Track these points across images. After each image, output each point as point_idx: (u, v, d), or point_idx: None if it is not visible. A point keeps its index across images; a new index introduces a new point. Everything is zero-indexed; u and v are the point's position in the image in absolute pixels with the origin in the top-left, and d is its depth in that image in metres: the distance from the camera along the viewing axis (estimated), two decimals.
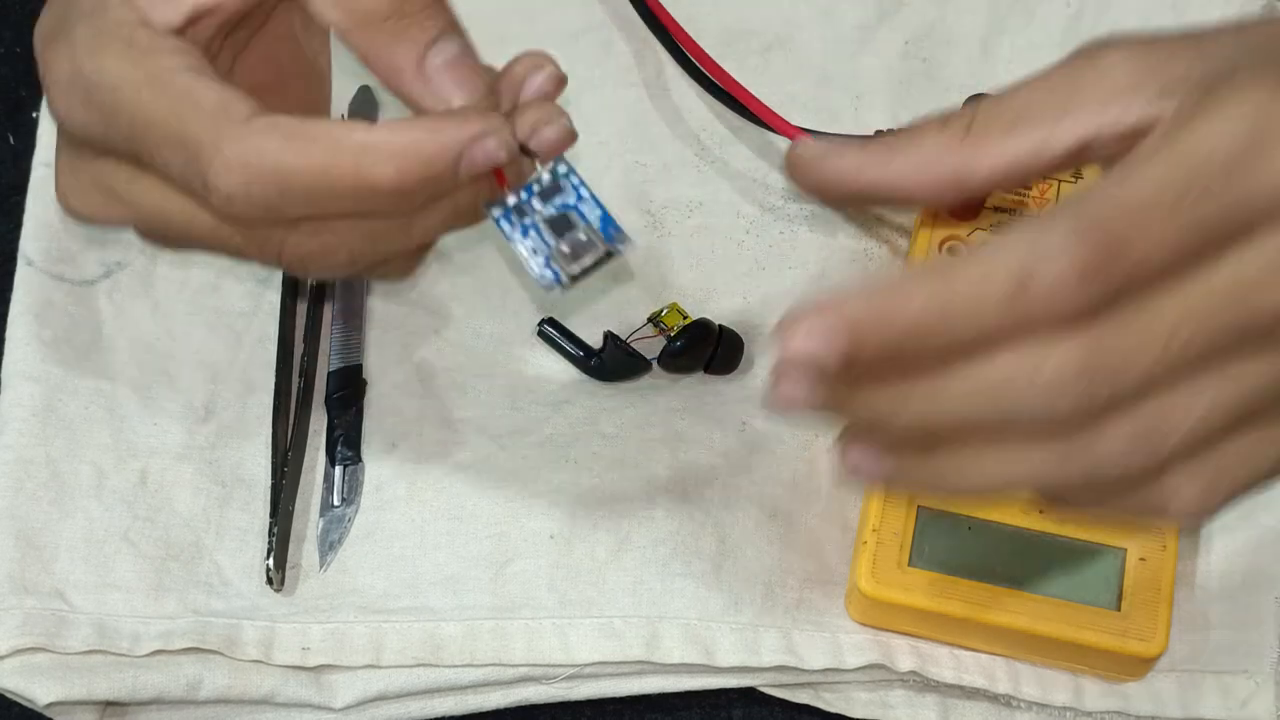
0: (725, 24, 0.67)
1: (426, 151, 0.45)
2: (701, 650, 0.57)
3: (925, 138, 0.44)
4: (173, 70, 0.46)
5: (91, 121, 0.47)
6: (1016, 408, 0.39)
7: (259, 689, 0.56)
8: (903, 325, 0.38)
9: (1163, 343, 0.39)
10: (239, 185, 0.45)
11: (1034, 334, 0.38)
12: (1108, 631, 0.54)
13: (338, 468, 0.60)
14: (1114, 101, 0.42)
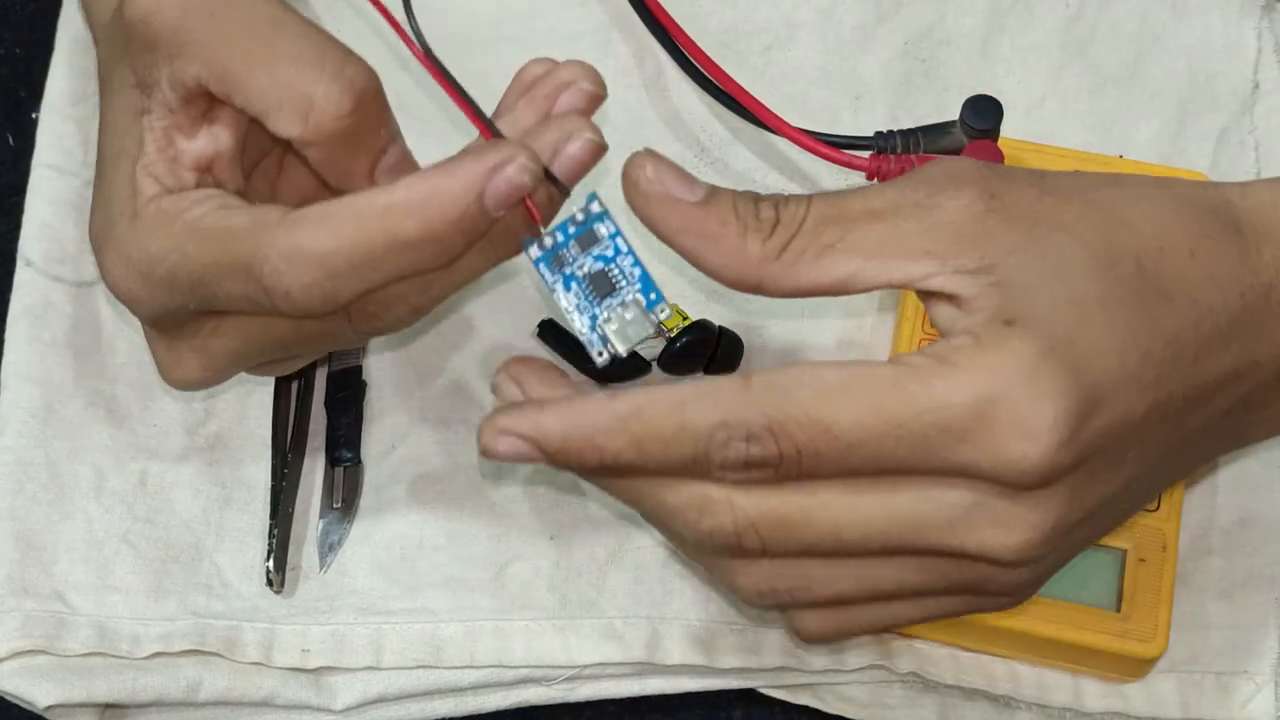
0: (725, 25, 0.67)
1: (446, 196, 0.45)
2: (702, 651, 0.57)
3: (750, 237, 0.45)
4: (203, 216, 0.47)
5: (157, 297, 0.48)
6: (677, 531, 0.46)
7: (259, 691, 0.56)
8: (600, 459, 0.44)
9: (825, 533, 0.44)
10: (293, 281, 0.45)
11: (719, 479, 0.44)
12: (1107, 632, 0.54)
13: (337, 469, 0.60)
14: (922, 262, 0.44)
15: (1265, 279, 0.46)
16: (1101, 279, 0.44)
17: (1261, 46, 0.66)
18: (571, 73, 0.48)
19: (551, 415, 0.44)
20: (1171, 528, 0.56)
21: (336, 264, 0.45)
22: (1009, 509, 0.44)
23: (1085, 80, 0.66)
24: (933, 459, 0.43)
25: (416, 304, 0.48)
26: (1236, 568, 0.58)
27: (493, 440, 0.44)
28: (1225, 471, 0.60)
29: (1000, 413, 0.42)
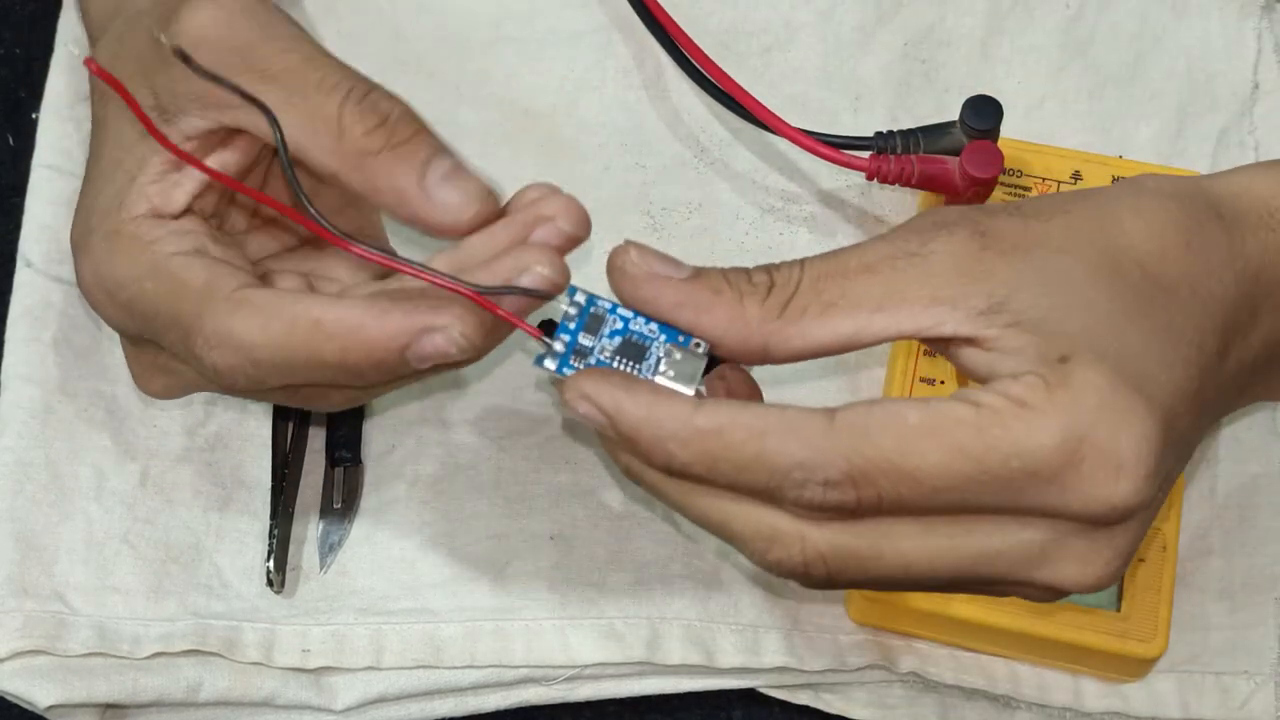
0: (725, 25, 0.67)
1: (368, 337, 0.45)
2: (702, 651, 0.57)
3: (748, 300, 0.45)
4: (171, 256, 0.48)
5: (121, 318, 0.49)
6: (739, 549, 0.45)
7: (259, 691, 0.56)
8: (665, 462, 0.43)
9: (894, 568, 0.44)
10: (219, 359, 0.47)
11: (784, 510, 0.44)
12: (1107, 632, 0.54)
13: (337, 469, 0.60)
14: (931, 310, 0.44)
15: (1254, 263, 0.46)
16: (1116, 292, 0.44)
17: (1261, 47, 0.67)
18: (554, 208, 0.47)
19: (634, 402, 0.44)
20: (1171, 528, 0.56)
21: (260, 357, 0.46)
22: (1088, 546, 0.43)
23: (1085, 81, 0.66)
24: (1018, 501, 0.42)
25: (352, 398, 0.50)
26: (1236, 568, 0.58)
27: (575, 400, 0.44)
28: (1225, 472, 0.60)
29: (1087, 451, 0.41)
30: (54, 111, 0.65)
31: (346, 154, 0.47)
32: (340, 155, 0.47)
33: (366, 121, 0.47)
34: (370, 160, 0.47)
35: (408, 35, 0.68)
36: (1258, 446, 0.60)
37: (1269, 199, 0.47)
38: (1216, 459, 0.60)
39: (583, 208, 0.48)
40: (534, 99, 0.66)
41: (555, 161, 0.65)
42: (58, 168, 0.64)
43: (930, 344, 0.45)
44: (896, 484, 0.42)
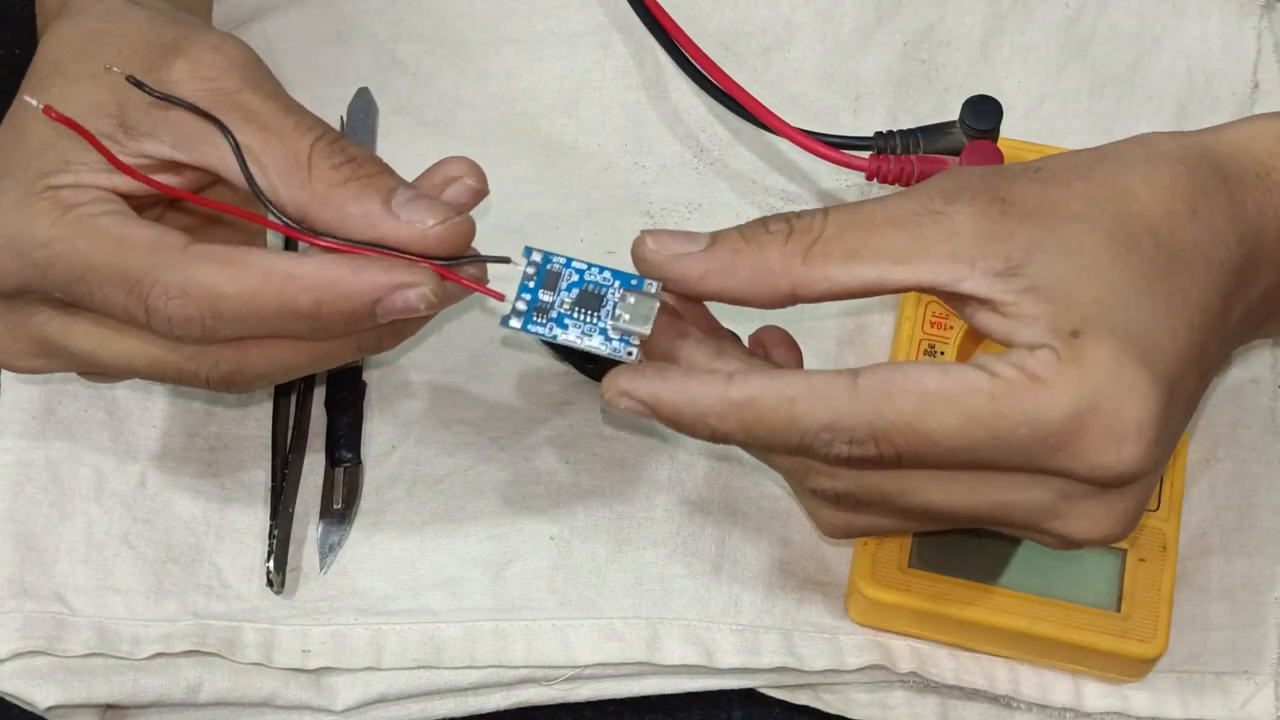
0: (724, 26, 0.67)
1: (346, 289, 0.48)
2: (702, 651, 0.57)
3: (768, 249, 0.48)
4: (103, 217, 0.49)
5: (26, 275, 0.49)
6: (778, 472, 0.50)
7: (259, 691, 0.56)
8: (710, 434, 0.47)
9: (916, 505, 0.48)
10: (178, 308, 0.48)
11: None
12: (1107, 632, 0.54)
13: (338, 470, 0.60)
14: (950, 267, 0.47)
15: (1254, 224, 0.48)
16: (1128, 263, 0.46)
17: (1261, 46, 0.66)
18: (458, 168, 0.51)
19: (669, 388, 0.47)
20: (1171, 528, 0.56)
21: (225, 308, 0.48)
22: (1096, 505, 0.47)
23: (1085, 81, 0.66)
24: (1028, 464, 0.46)
25: (289, 368, 0.52)
26: (1236, 568, 0.58)
27: (615, 399, 0.48)
28: (1225, 472, 0.60)
29: (1093, 422, 0.44)
30: None
31: (316, 187, 0.49)
32: (310, 189, 0.49)
33: (334, 158, 0.49)
34: (338, 190, 0.49)
35: (407, 36, 0.68)
36: (1258, 446, 0.60)
37: (1266, 159, 0.49)
38: (1216, 459, 0.60)
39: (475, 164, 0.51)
40: (534, 99, 0.67)
41: (555, 161, 0.65)
42: None
43: (947, 300, 0.48)
44: (915, 444, 0.45)
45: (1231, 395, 0.61)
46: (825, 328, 0.62)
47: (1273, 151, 0.50)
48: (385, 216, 0.49)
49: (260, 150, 0.49)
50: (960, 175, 0.48)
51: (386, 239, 0.49)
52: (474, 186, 0.51)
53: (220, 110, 0.50)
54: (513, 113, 0.66)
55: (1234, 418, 0.61)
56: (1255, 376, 0.61)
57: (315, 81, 0.66)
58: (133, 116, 0.50)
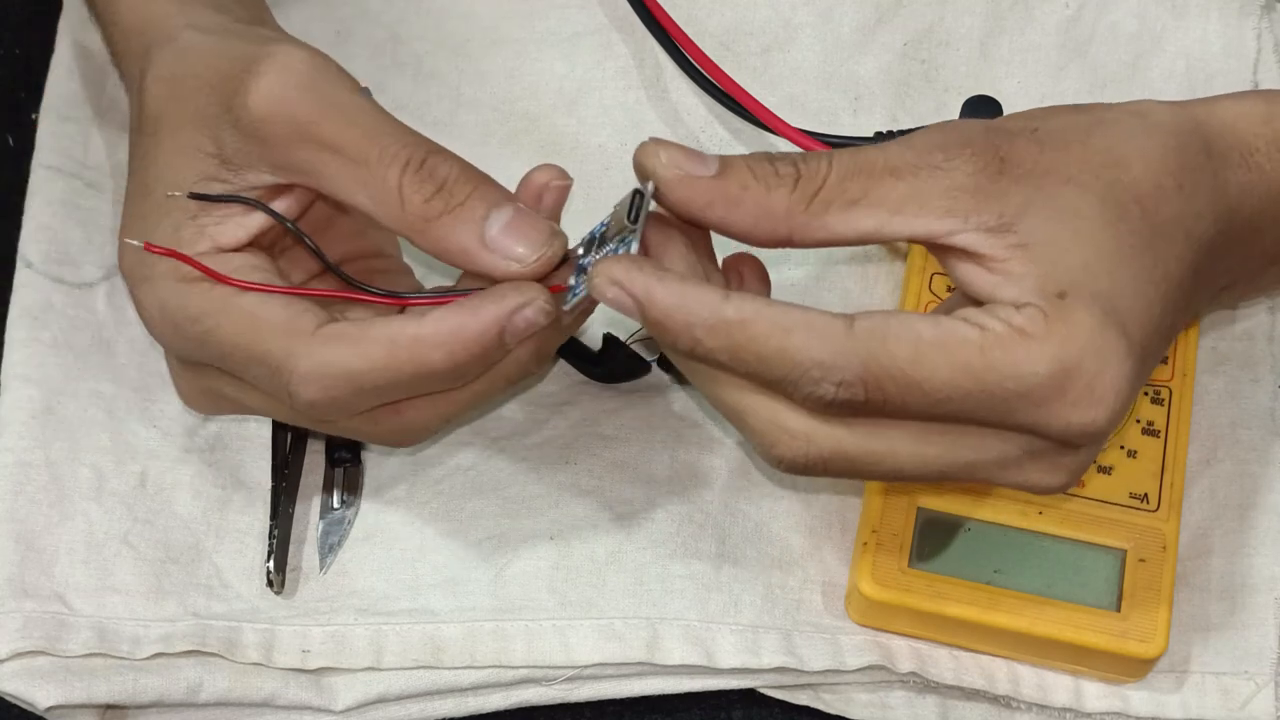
0: (724, 26, 0.67)
1: (471, 333, 0.49)
2: (702, 651, 0.57)
3: (776, 192, 0.48)
4: (243, 293, 0.51)
5: (187, 349, 0.52)
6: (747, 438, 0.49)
7: (259, 692, 0.56)
8: (690, 347, 0.47)
9: (887, 471, 0.48)
10: (318, 393, 0.50)
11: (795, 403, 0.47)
12: (1107, 632, 0.54)
13: (337, 470, 0.60)
14: (945, 220, 0.48)
15: (1232, 202, 0.50)
16: (1116, 231, 0.47)
17: (1261, 47, 0.66)
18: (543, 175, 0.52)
19: (664, 289, 0.47)
20: (1171, 528, 0.56)
21: (364, 384, 0.50)
22: (1054, 460, 0.48)
23: (1084, 81, 0.66)
24: (1007, 418, 0.47)
25: (433, 417, 0.53)
26: (1236, 568, 0.58)
27: (604, 285, 0.47)
28: (1225, 472, 0.60)
29: (1074, 382, 0.46)
30: (53, 112, 0.65)
31: (411, 221, 0.50)
32: (405, 222, 0.50)
33: (425, 190, 0.50)
34: (433, 225, 0.50)
35: (407, 36, 0.68)
36: (1258, 446, 0.60)
37: (1251, 138, 0.51)
38: (1216, 459, 0.60)
39: None
40: (534, 99, 0.67)
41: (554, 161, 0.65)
42: (57, 168, 0.64)
43: (935, 251, 0.49)
44: (904, 391, 0.46)
45: (1231, 395, 0.61)
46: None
47: (1257, 132, 0.51)
48: (481, 251, 0.50)
49: (351, 182, 0.50)
50: (961, 128, 0.49)
51: (485, 272, 0.50)
52: (562, 184, 0.52)
53: (301, 147, 0.50)
54: (513, 113, 0.66)
55: (1234, 418, 0.61)
56: (1255, 376, 0.61)
57: None
58: (229, 151, 0.51)
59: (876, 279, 0.63)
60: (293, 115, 0.50)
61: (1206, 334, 0.62)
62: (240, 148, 0.51)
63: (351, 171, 0.50)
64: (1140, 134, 0.49)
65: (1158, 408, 0.58)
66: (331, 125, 0.50)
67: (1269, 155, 0.51)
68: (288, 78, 0.51)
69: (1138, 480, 0.57)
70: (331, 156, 0.50)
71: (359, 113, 0.51)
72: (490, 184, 0.51)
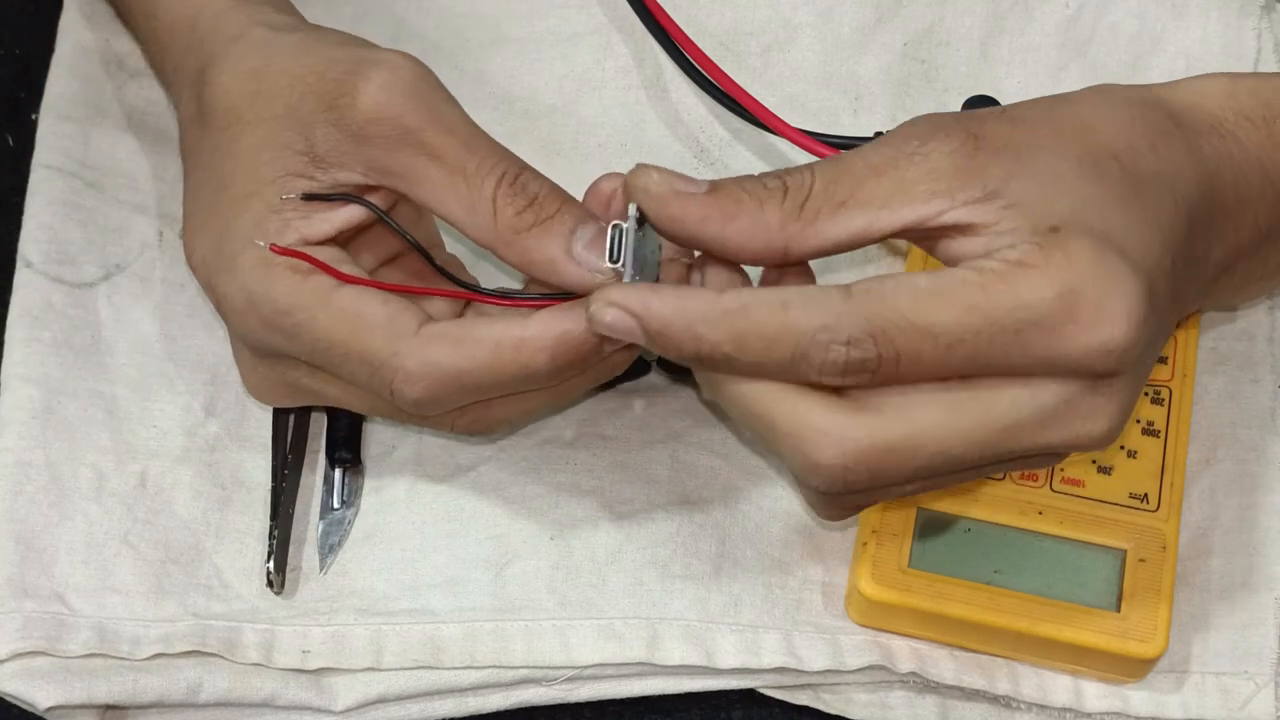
0: (725, 25, 0.67)
1: (575, 338, 0.51)
2: (702, 651, 0.57)
3: (768, 204, 0.48)
4: (339, 289, 0.52)
5: (274, 341, 0.53)
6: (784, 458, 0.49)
7: (259, 692, 0.56)
8: (697, 349, 0.47)
9: (927, 460, 0.47)
10: (423, 392, 0.51)
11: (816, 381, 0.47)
12: (1107, 632, 0.54)
13: (337, 470, 0.60)
14: (931, 202, 0.48)
15: (1210, 167, 0.51)
16: (1098, 182, 0.48)
17: (1261, 47, 0.66)
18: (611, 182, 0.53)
19: (659, 298, 0.47)
20: (1171, 528, 0.56)
21: (467, 383, 0.51)
22: (1091, 401, 0.47)
23: (1084, 81, 0.66)
24: (1026, 355, 0.46)
25: (514, 418, 0.55)
26: (1236, 568, 0.58)
27: (601, 310, 0.48)
28: (1225, 471, 0.60)
29: (1082, 304, 0.46)
30: (54, 112, 0.65)
31: (501, 232, 0.51)
32: (495, 233, 0.52)
33: (518, 203, 0.52)
34: (523, 236, 0.51)
35: (407, 35, 0.68)
36: (1257, 446, 0.60)
37: (1217, 111, 0.52)
38: (1216, 459, 0.60)
39: None
40: (534, 99, 0.67)
41: (555, 162, 0.65)
42: (58, 168, 0.64)
43: (928, 241, 0.49)
44: (913, 340, 0.46)
45: (1231, 395, 0.61)
46: None
47: (1222, 105, 0.52)
48: (568, 263, 0.51)
49: (446, 189, 0.52)
50: (930, 118, 0.50)
51: (570, 284, 0.51)
52: None
53: (405, 151, 0.52)
54: (513, 113, 0.66)
55: (1234, 418, 0.61)
56: (1255, 377, 0.61)
57: None
58: (322, 149, 0.52)
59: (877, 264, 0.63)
60: (400, 119, 0.52)
61: (1206, 334, 0.62)
62: (335, 146, 0.52)
63: (448, 179, 0.52)
64: (1105, 106, 0.50)
65: (1158, 408, 0.58)
66: (434, 132, 0.52)
67: (1239, 124, 0.52)
68: (397, 82, 0.52)
69: (1138, 480, 0.57)
70: (430, 162, 0.52)
71: (459, 123, 0.53)
72: (575, 202, 0.53)
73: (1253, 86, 0.53)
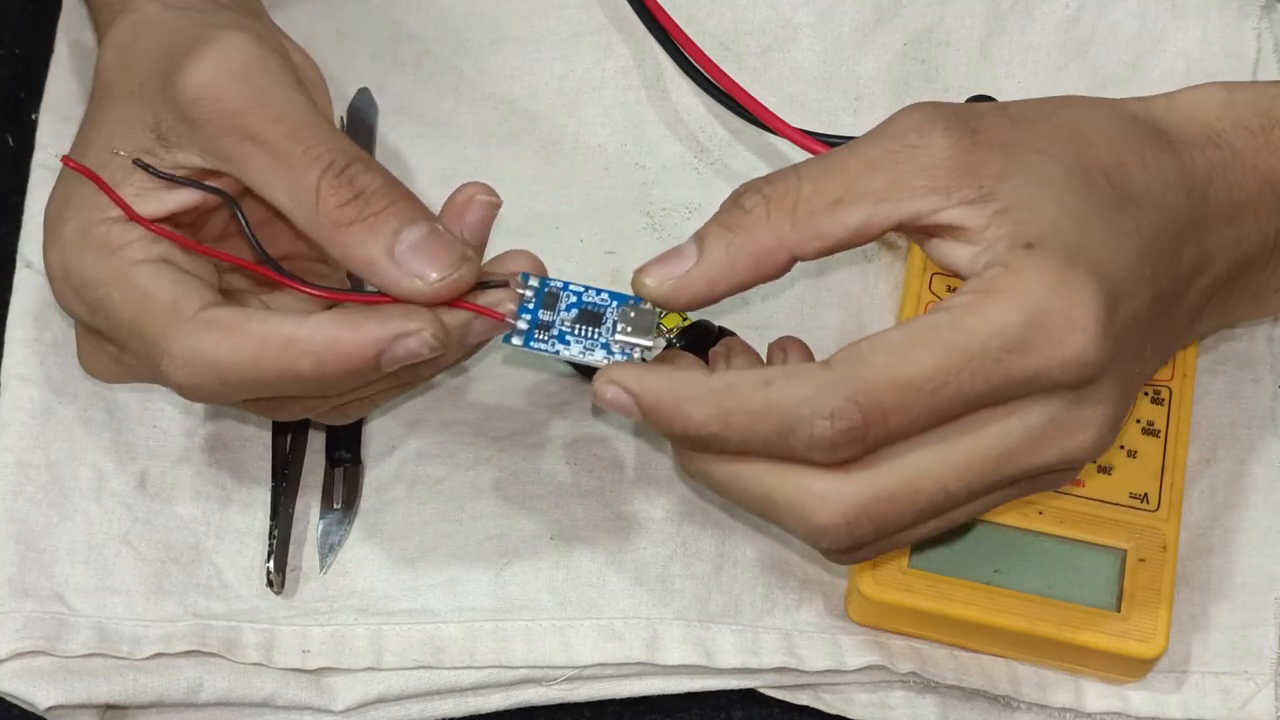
0: (725, 25, 0.67)
1: (345, 349, 0.49)
2: (702, 651, 0.57)
3: (757, 229, 0.48)
4: (137, 265, 0.50)
5: (83, 314, 0.52)
6: (790, 528, 0.49)
7: (259, 692, 0.56)
8: (686, 427, 0.47)
9: (935, 494, 0.47)
10: (185, 378, 0.50)
11: (805, 459, 0.47)
12: (1107, 632, 0.54)
13: (337, 470, 0.60)
14: (926, 200, 0.48)
15: (1201, 181, 0.51)
16: (1085, 193, 0.48)
17: (1261, 47, 0.66)
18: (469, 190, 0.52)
19: (654, 377, 0.48)
20: (1171, 528, 0.56)
21: (229, 376, 0.49)
22: (1079, 414, 0.48)
23: (1084, 81, 0.66)
24: (1008, 380, 0.46)
25: (308, 408, 0.53)
26: (1236, 568, 0.58)
27: (603, 387, 0.48)
28: (1225, 471, 0.60)
29: (1050, 319, 0.46)
30: (53, 112, 0.65)
31: (323, 224, 0.49)
32: (317, 225, 0.49)
33: (341, 194, 0.49)
34: (344, 231, 0.49)
35: (407, 36, 0.68)
36: (1257, 446, 0.60)
37: (1214, 122, 0.52)
38: (1216, 459, 0.60)
39: None
40: (534, 99, 0.67)
41: (555, 161, 0.65)
42: (57, 168, 0.64)
43: (920, 235, 0.49)
44: (898, 396, 0.46)
45: (1231, 395, 0.61)
46: (826, 321, 0.62)
47: (1219, 116, 0.52)
48: (388, 265, 0.49)
49: (271, 176, 0.50)
50: (928, 108, 0.49)
51: (387, 288, 0.49)
52: (486, 200, 0.51)
53: (227, 136, 0.50)
54: (513, 113, 0.66)
55: (1234, 418, 0.61)
56: (1255, 376, 0.61)
57: None
58: (166, 128, 0.51)
59: (877, 279, 0.63)
60: (222, 102, 0.50)
61: None
62: (174, 127, 0.51)
63: (273, 166, 0.50)
64: (1102, 118, 0.51)
65: (1158, 408, 0.58)
66: (259, 117, 0.50)
67: (1236, 134, 0.52)
68: (223, 64, 0.50)
69: (1138, 480, 0.57)
70: (256, 149, 0.50)
71: (290, 109, 0.51)
72: (411, 201, 0.50)
73: (1250, 97, 0.53)
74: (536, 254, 0.52)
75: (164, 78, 0.51)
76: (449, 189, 0.65)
